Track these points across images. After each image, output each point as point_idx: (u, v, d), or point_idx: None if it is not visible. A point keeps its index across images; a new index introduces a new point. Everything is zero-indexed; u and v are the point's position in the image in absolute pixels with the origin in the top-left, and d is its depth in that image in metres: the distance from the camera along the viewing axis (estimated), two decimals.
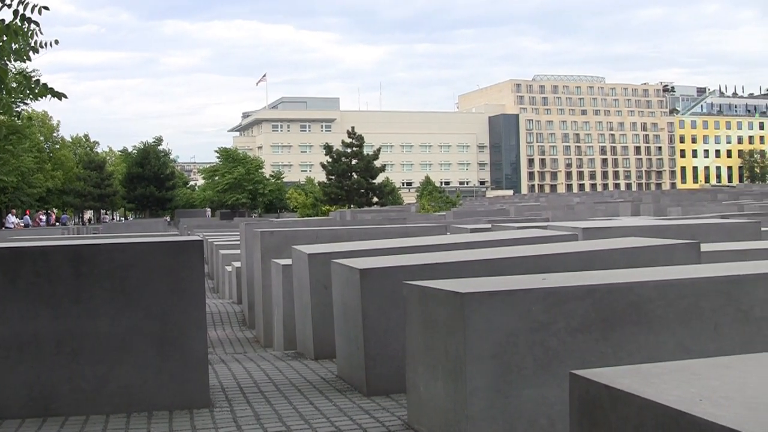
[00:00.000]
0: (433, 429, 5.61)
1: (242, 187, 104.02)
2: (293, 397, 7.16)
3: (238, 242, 18.36)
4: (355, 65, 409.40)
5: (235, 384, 7.84)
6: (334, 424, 6.10)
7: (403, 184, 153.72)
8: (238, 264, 17.05)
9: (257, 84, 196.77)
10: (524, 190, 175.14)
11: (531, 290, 5.42)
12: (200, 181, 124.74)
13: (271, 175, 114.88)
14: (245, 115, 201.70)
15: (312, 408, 6.69)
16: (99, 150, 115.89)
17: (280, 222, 31.53)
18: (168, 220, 78.08)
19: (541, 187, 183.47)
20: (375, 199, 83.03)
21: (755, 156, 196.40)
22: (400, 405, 6.62)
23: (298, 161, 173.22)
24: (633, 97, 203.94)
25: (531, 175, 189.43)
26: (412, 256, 8.60)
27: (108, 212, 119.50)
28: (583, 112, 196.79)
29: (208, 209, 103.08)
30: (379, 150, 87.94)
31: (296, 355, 9.62)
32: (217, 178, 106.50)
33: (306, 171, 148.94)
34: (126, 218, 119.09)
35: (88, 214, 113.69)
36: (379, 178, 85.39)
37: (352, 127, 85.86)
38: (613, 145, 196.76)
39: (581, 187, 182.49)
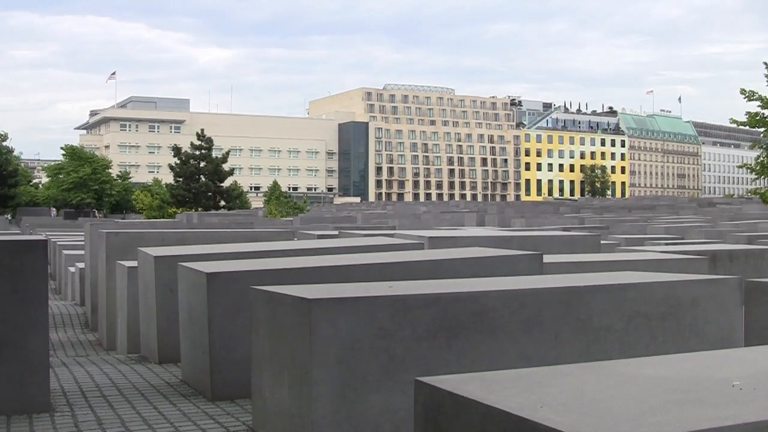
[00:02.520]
0: None
1: (88, 187, 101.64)
2: (137, 401, 7.05)
3: (83, 243, 17.91)
4: (207, 67, 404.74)
5: (77, 388, 7.67)
6: (178, 429, 6.04)
7: (251, 188, 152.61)
8: (81, 265, 16.64)
9: (106, 81, 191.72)
10: (372, 197, 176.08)
11: (377, 297, 5.49)
12: (45, 179, 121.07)
13: (118, 176, 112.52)
14: (93, 113, 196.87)
15: (156, 413, 6.60)
16: None
17: (125, 223, 30.91)
18: (9, 218, 75.46)
19: (389, 195, 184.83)
20: (222, 203, 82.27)
21: (596, 171, 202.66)
22: (245, 410, 6.60)
23: (146, 162, 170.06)
24: (481, 109, 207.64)
25: (379, 183, 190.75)
26: (260, 261, 8.59)
27: None
28: (432, 123, 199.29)
29: (53, 208, 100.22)
30: (228, 153, 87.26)
31: (140, 358, 9.46)
32: (62, 176, 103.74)
33: (154, 172, 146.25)
34: None
35: None
36: (227, 182, 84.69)
37: (202, 130, 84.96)
38: (461, 156, 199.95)
39: (428, 196, 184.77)
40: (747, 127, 30.19)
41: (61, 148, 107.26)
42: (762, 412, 3.02)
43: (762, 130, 29.49)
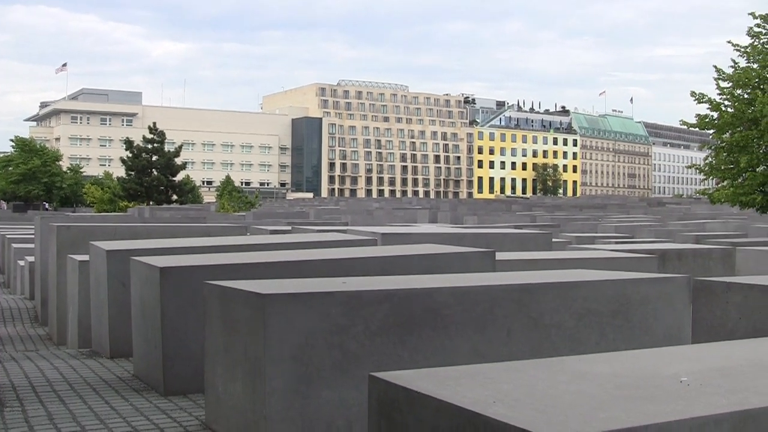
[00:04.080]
0: (231, 429, 5.62)
1: (37, 179, 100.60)
2: (88, 396, 7.01)
3: (33, 236, 17.73)
4: (161, 60, 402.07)
5: (27, 383, 7.60)
6: (131, 424, 6.01)
7: (203, 182, 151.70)
8: (31, 258, 16.47)
9: (57, 72, 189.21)
10: (324, 193, 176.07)
11: (331, 293, 5.51)
12: None
13: (69, 168, 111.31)
14: (44, 105, 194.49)
15: (107, 408, 6.57)
16: None
17: (76, 216, 30.61)
18: None
19: (342, 191, 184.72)
20: (174, 197, 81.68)
21: (548, 170, 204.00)
22: (198, 405, 6.59)
23: (98, 155, 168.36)
24: (435, 107, 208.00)
25: (332, 179, 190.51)
26: (213, 255, 8.58)
27: None
28: (386, 119, 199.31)
29: (2, 201, 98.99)
30: (180, 147, 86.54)
31: (91, 353, 9.40)
32: (11, 168, 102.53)
33: (105, 165, 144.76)
34: None
35: None
36: (180, 176, 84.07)
37: (154, 123, 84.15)
38: (414, 152, 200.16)
39: (381, 192, 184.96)
40: (696, 129, 30.48)
41: (11, 140, 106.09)
42: (708, 407, 3.08)
43: (711, 132, 29.79)
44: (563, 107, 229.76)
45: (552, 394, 3.31)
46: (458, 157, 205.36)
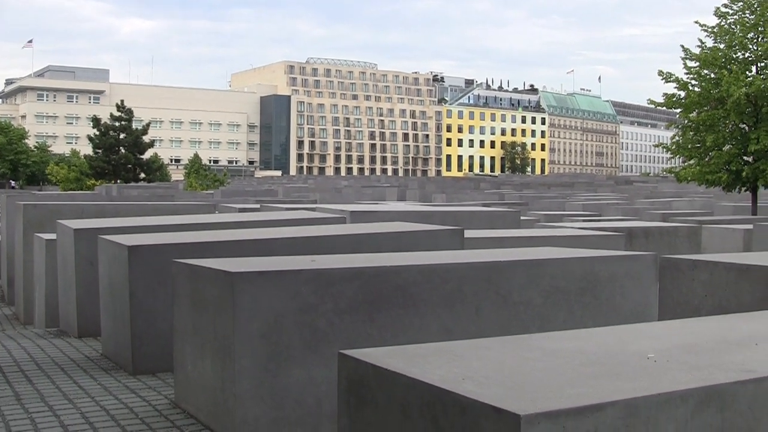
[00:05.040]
0: (201, 408, 5.62)
1: (2, 157, 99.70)
2: (56, 376, 6.98)
3: None
4: (128, 38, 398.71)
5: None
6: (99, 404, 6.00)
7: (171, 160, 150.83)
8: None
9: (22, 48, 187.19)
10: (293, 171, 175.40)
11: (300, 271, 5.51)
12: None
13: (35, 146, 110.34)
14: (9, 82, 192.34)
15: (76, 387, 6.55)
16: None
17: (43, 195, 30.39)
18: None
19: (310, 169, 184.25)
20: (142, 175, 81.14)
21: (517, 148, 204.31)
22: (167, 384, 6.58)
23: (64, 133, 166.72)
24: (403, 85, 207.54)
25: (300, 157, 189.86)
26: (182, 234, 8.54)
27: None
28: (355, 97, 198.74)
29: None
30: (148, 125, 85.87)
31: (59, 332, 9.35)
32: None
33: (72, 143, 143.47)
34: None
35: None
36: (148, 154, 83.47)
37: (122, 101, 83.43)
38: (382, 130, 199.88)
39: (349, 170, 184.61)
40: (664, 108, 30.59)
41: None
42: (674, 383, 3.12)
43: (678, 111, 29.91)
44: (532, 86, 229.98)
45: (520, 371, 3.33)
46: (427, 135, 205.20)
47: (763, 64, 28.38)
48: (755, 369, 3.37)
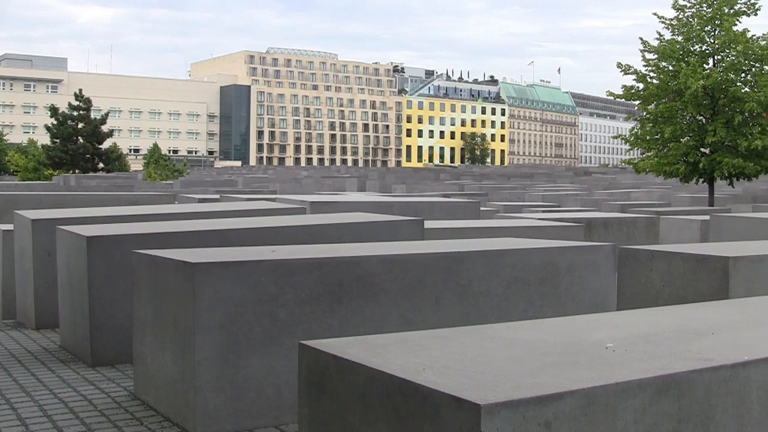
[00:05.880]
0: (161, 399, 5.60)
1: None
2: (13, 368, 6.91)
3: None
4: (87, 26, 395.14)
5: None
6: (58, 396, 5.96)
7: (130, 150, 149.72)
8: None
9: None
10: (253, 161, 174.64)
11: (260, 262, 5.50)
12: None
13: None
14: None
15: (34, 380, 6.50)
16: None
17: (0, 185, 30.05)
18: None
19: (270, 159, 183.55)
20: (101, 165, 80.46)
21: (476, 139, 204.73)
22: (127, 376, 6.55)
23: (21, 122, 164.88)
24: (364, 75, 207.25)
25: (260, 147, 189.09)
26: (141, 224, 8.48)
27: None
28: (315, 87, 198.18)
29: None
30: (107, 115, 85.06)
31: (16, 324, 9.26)
32: None
33: (29, 132, 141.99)
34: None
35: None
36: (106, 144, 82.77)
37: (80, 90, 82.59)
38: (342, 121, 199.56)
39: (309, 161, 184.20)
40: (622, 100, 30.79)
41: None
42: (633, 373, 3.15)
43: (636, 103, 30.10)
44: (492, 77, 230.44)
45: (481, 361, 3.35)
46: (387, 126, 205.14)
47: (720, 57, 28.62)
48: (712, 358, 3.42)
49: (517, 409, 2.77)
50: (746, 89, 27.70)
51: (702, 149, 28.25)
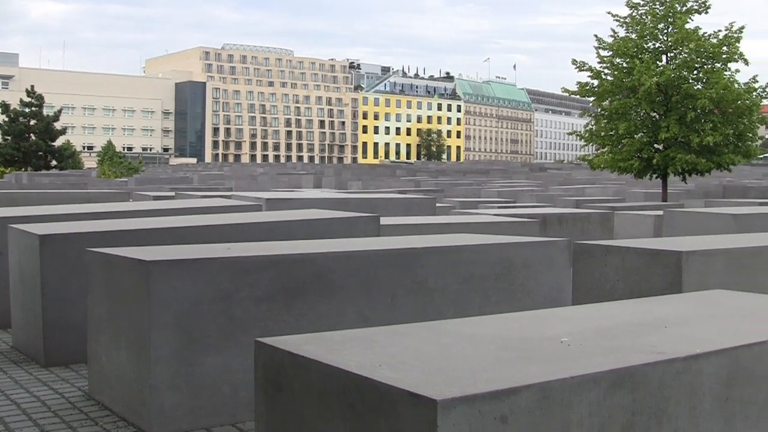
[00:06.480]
0: (116, 399, 5.56)
1: None
2: None
3: None
4: (40, 21, 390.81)
5: None
6: (10, 398, 5.89)
7: (84, 147, 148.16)
8: None
9: None
10: (208, 158, 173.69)
11: (215, 259, 5.48)
12: None
13: None
14: None
15: None
16: None
17: None
18: None
19: (226, 156, 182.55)
20: (54, 163, 79.67)
21: (432, 135, 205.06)
22: (81, 376, 6.49)
23: None
24: (320, 72, 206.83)
25: (216, 144, 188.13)
26: (95, 222, 8.40)
27: None
28: (271, 84, 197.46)
29: None
30: (60, 111, 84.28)
31: None
32: None
33: None
34: None
35: None
36: (59, 141, 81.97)
37: (32, 86, 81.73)
38: (299, 117, 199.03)
39: (265, 158, 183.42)
40: (577, 96, 30.99)
41: None
42: (588, 366, 3.17)
43: (591, 99, 30.32)
44: (447, 73, 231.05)
45: (437, 357, 3.36)
46: (343, 123, 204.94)
47: (673, 55, 28.91)
48: (665, 351, 3.45)
49: (473, 404, 2.78)
50: (698, 86, 28.04)
51: (655, 145, 28.53)
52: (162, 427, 5.12)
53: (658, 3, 28.70)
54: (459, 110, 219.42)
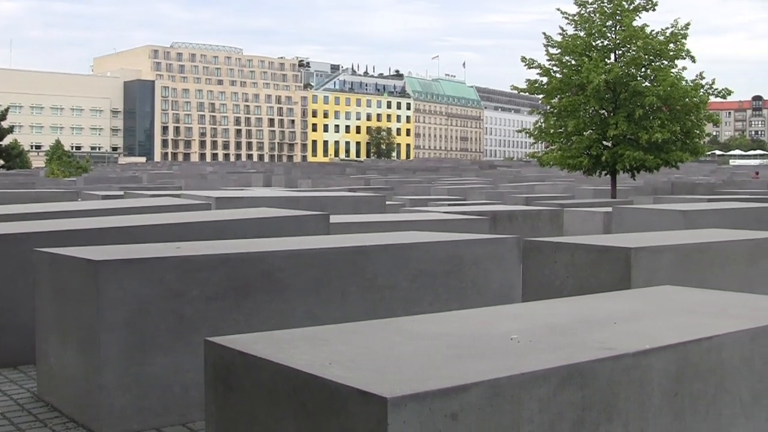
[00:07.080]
0: (65, 400, 5.50)
1: None
2: None
3: None
4: None
5: None
6: None
7: (32, 147, 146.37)
8: None
9: None
10: (157, 157, 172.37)
11: (165, 258, 5.45)
12: None
13: None
14: None
15: None
16: None
17: None
18: None
19: (175, 155, 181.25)
20: (1, 162, 78.74)
21: (382, 133, 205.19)
22: (29, 377, 6.41)
23: None
24: (269, 70, 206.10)
25: (165, 143, 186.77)
26: (43, 222, 8.32)
27: None
28: (220, 82, 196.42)
29: None
30: (7, 110, 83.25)
31: None
32: None
33: None
34: None
35: None
36: (6, 140, 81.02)
37: None
38: (248, 116, 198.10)
39: (215, 156, 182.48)
40: (527, 94, 31.22)
41: None
42: (537, 363, 3.19)
43: (540, 96, 30.50)
44: (397, 71, 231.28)
45: (387, 355, 3.36)
46: (292, 121, 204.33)
47: (621, 52, 29.17)
48: (614, 347, 3.48)
49: (423, 402, 2.78)
50: (646, 83, 28.31)
51: (604, 142, 28.76)
52: (112, 427, 5.08)
53: (606, 0, 28.94)
54: (409, 108, 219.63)
